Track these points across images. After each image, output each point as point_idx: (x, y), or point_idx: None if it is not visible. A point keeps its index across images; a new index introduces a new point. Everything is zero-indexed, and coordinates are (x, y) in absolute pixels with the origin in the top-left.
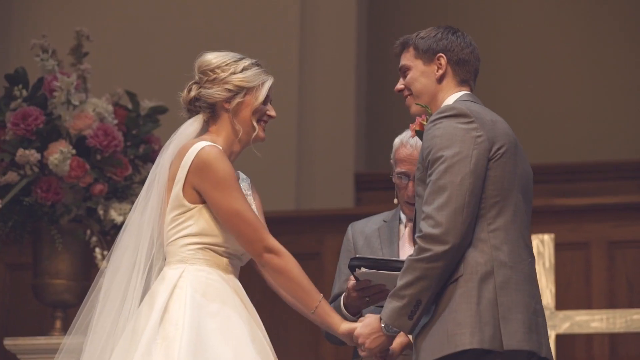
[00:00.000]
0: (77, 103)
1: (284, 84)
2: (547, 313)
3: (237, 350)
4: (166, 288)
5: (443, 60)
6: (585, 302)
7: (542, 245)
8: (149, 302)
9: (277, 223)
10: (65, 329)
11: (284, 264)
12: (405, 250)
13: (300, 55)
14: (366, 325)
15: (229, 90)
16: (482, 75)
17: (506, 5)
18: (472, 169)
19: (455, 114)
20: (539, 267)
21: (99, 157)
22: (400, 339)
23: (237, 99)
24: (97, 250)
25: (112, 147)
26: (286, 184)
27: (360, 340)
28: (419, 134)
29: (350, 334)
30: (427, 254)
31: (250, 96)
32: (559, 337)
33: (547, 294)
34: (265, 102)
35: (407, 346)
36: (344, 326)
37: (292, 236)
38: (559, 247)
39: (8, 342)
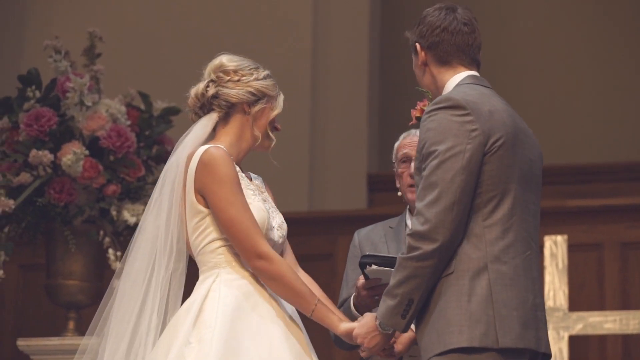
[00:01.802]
0: (90, 104)
1: (297, 85)
2: (560, 314)
3: (271, 350)
4: (200, 294)
5: (418, 48)
6: (599, 304)
7: (555, 246)
8: (183, 311)
9: (290, 224)
10: (78, 330)
11: (276, 270)
12: None
13: (313, 57)
14: (363, 325)
15: (252, 94)
16: (492, 75)
17: (518, 4)
18: (464, 165)
19: (450, 105)
20: (552, 269)
21: (112, 158)
22: (409, 334)
23: (260, 105)
24: (110, 251)
25: (125, 148)
26: (299, 185)
27: (359, 341)
28: (420, 120)
29: (349, 334)
30: (417, 253)
31: (270, 105)
32: (572, 339)
33: (561, 295)
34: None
35: (414, 340)
36: (343, 326)
37: (305, 237)
38: (572, 248)
39: (21, 342)
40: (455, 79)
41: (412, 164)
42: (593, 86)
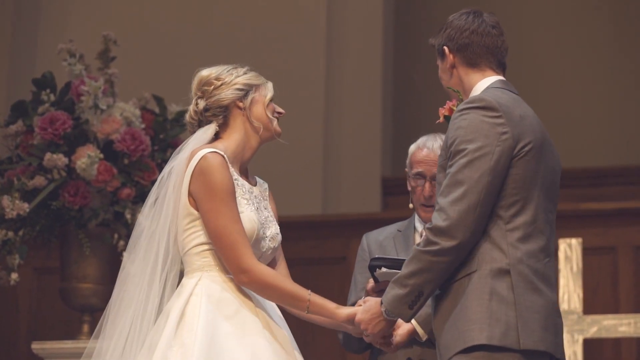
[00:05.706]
0: (104, 107)
1: (311, 89)
2: (574, 317)
3: (254, 354)
4: (183, 297)
5: (446, 51)
6: (613, 307)
7: (570, 249)
8: (166, 312)
9: (304, 227)
10: (92, 333)
11: (260, 280)
12: None
13: (327, 60)
14: (366, 311)
15: (240, 90)
16: (508, 79)
17: (533, 11)
18: (492, 166)
19: (483, 106)
20: (566, 272)
21: (126, 161)
22: (408, 326)
23: (250, 96)
24: (125, 254)
25: (140, 151)
26: (313, 189)
27: (362, 327)
28: (448, 119)
29: (350, 320)
30: (434, 247)
31: (259, 93)
32: (587, 342)
33: (575, 299)
34: (271, 99)
35: (413, 333)
36: (344, 312)
37: (319, 240)
38: (586, 251)
39: (36, 346)
40: (485, 82)
41: (426, 185)
42: (607, 89)
